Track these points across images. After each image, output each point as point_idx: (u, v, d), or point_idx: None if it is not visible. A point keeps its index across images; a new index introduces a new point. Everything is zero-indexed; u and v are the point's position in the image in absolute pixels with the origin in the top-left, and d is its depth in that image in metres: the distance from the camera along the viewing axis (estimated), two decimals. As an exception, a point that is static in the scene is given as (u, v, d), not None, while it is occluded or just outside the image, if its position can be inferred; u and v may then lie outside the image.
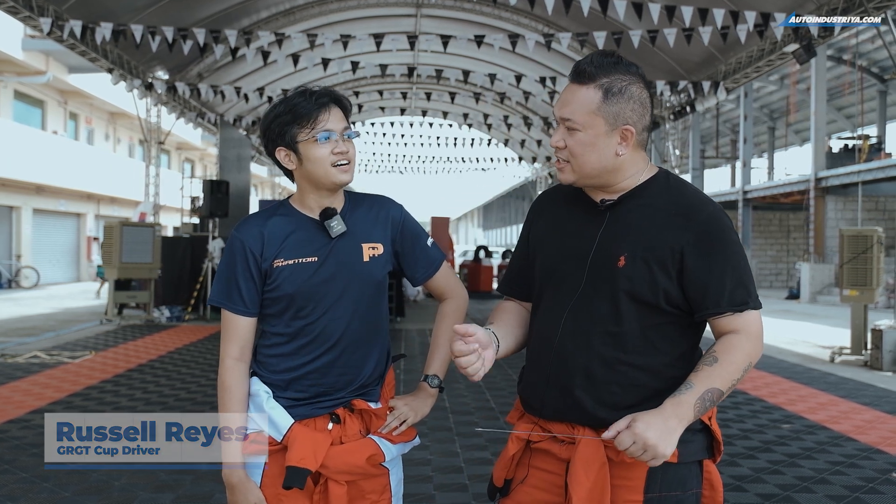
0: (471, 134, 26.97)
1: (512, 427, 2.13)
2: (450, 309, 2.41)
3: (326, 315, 2.15)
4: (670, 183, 2.00)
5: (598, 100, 1.91)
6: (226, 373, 2.16)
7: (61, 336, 12.17)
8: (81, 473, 4.93)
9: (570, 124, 1.93)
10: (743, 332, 1.88)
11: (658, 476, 1.89)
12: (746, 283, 1.90)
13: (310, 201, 2.19)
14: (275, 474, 2.12)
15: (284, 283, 2.13)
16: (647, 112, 1.96)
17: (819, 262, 24.39)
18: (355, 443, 2.16)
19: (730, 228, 1.93)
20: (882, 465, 5.47)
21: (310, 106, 2.10)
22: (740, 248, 1.92)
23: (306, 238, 2.16)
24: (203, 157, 42.65)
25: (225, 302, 2.17)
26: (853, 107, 34.70)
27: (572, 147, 1.94)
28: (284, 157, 2.16)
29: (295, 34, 14.26)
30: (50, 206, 26.89)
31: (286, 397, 2.16)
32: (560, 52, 17.84)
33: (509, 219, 75.12)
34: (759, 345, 1.89)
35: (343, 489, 2.12)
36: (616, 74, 1.92)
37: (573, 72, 1.96)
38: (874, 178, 22.57)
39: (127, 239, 13.81)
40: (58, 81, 26.79)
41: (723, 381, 1.82)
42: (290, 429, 2.12)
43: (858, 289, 10.69)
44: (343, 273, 2.16)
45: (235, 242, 2.16)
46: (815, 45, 12.65)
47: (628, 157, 1.95)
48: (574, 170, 1.96)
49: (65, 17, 12.79)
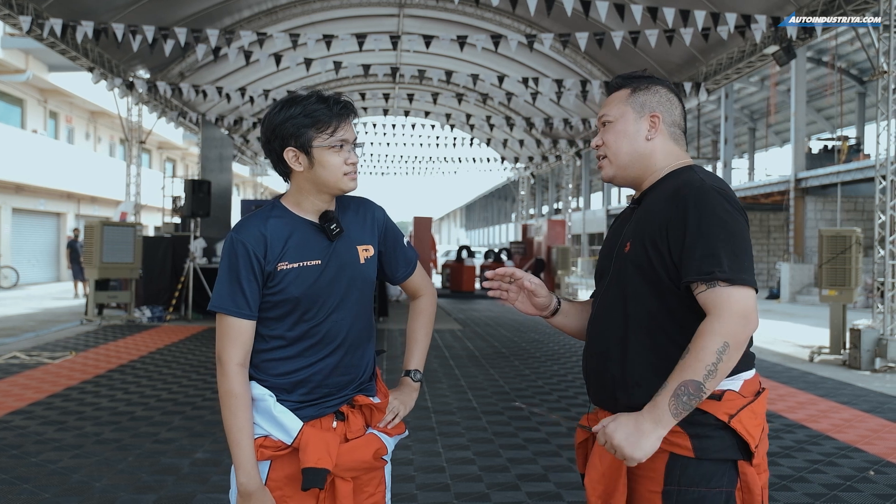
0: (453, 134, 26.98)
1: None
2: (424, 305, 2.48)
3: (331, 317, 2.18)
4: (685, 171, 2.06)
5: (626, 94, 2.15)
6: (232, 380, 2.10)
7: (41, 336, 12.08)
8: (62, 475, 4.91)
9: (605, 119, 2.16)
10: (714, 311, 1.83)
11: (677, 470, 1.91)
12: (719, 253, 1.84)
13: (307, 204, 2.20)
14: (279, 478, 2.13)
15: (290, 286, 2.13)
16: (674, 108, 2.14)
17: (799, 262, 24.59)
18: (361, 439, 2.20)
19: (713, 203, 1.89)
20: (860, 464, 5.53)
21: (330, 113, 2.13)
22: (723, 222, 1.87)
23: (307, 241, 2.18)
24: (185, 156, 42.44)
25: (230, 306, 2.11)
26: (833, 108, 35.02)
27: (607, 139, 2.15)
28: (293, 157, 2.15)
29: (277, 34, 14.23)
30: (30, 206, 26.66)
31: (292, 400, 2.17)
32: (542, 52, 17.90)
33: (492, 219, 75.23)
34: (737, 322, 1.81)
35: (350, 486, 2.16)
36: (642, 79, 2.17)
37: (609, 86, 2.23)
38: (853, 178, 22.79)
39: (108, 239, 13.73)
40: (38, 80, 26.58)
41: (695, 370, 1.79)
42: (301, 431, 2.13)
43: (837, 289, 10.80)
44: (344, 275, 2.20)
45: (238, 245, 2.13)
46: (794, 46, 12.76)
47: (658, 144, 2.12)
48: (611, 161, 2.15)
49: (45, 15, 12.70)
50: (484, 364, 9.94)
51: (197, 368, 9.16)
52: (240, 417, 2.09)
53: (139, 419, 6.52)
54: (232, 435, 2.08)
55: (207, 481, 4.84)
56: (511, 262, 26.85)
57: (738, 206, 1.94)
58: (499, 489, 4.81)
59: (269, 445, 2.13)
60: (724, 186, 1.96)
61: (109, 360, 9.70)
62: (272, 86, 20.22)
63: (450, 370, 9.43)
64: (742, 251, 1.88)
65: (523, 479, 5.03)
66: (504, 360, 10.27)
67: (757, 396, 2.00)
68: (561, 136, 24.50)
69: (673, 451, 1.91)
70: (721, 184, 1.97)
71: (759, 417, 1.98)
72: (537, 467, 5.31)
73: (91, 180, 28.99)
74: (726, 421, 1.91)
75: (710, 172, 2.05)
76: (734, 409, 1.92)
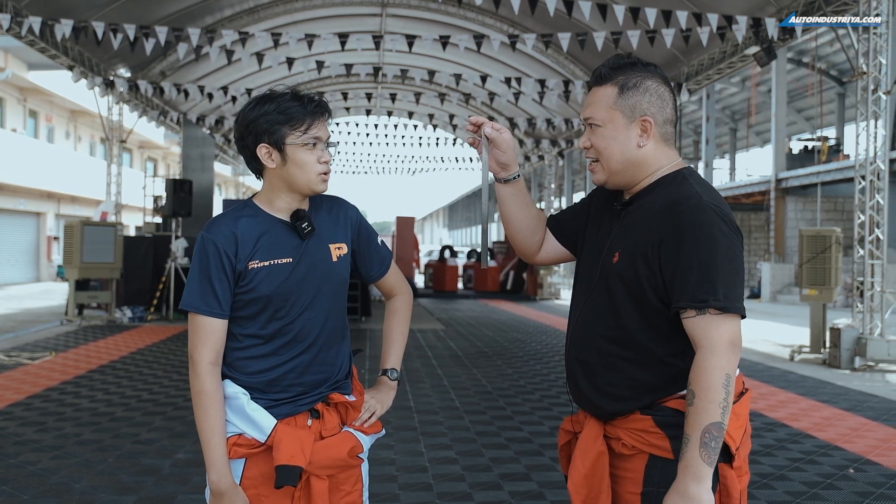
0: (436, 134, 26.98)
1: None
2: (400, 305, 2.48)
3: (303, 315, 2.19)
4: (679, 179, 2.00)
5: (614, 95, 2.00)
6: (203, 379, 2.09)
7: (20, 337, 11.97)
8: (41, 476, 4.86)
9: (591, 121, 2.03)
10: (706, 346, 1.82)
11: (657, 471, 1.90)
12: (715, 280, 1.82)
13: (280, 202, 2.20)
14: (254, 476, 2.14)
15: (261, 284, 2.14)
16: (666, 105, 2.02)
17: (779, 262, 24.76)
18: (336, 437, 2.20)
19: (710, 223, 1.86)
20: (840, 462, 5.57)
21: (304, 111, 2.14)
22: (720, 245, 1.85)
23: (278, 240, 2.18)
24: (166, 155, 42.20)
25: (201, 305, 2.11)
26: (813, 109, 35.30)
27: (597, 143, 2.02)
28: (266, 154, 2.15)
29: (259, 33, 14.17)
30: (9, 205, 26.42)
31: (266, 398, 2.17)
32: (525, 52, 17.94)
33: (475, 218, 75.24)
34: (730, 354, 1.82)
35: (325, 484, 2.16)
36: (631, 72, 2.01)
37: (592, 76, 2.07)
38: (833, 178, 22.96)
39: (88, 238, 13.63)
40: (17, 79, 26.35)
41: (711, 413, 1.78)
42: (275, 428, 2.13)
43: (817, 288, 10.88)
44: (316, 273, 2.20)
45: (208, 244, 2.12)
46: (775, 47, 12.84)
47: (651, 149, 2.01)
48: (603, 167, 2.04)
49: (24, 13, 12.59)
50: (467, 364, 9.94)
51: (178, 369, 9.10)
52: (211, 416, 2.08)
53: (120, 420, 6.47)
54: (203, 434, 2.08)
55: (188, 482, 4.80)
56: (493, 262, 26.88)
57: (734, 225, 1.91)
58: (481, 489, 4.81)
59: (244, 444, 2.13)
60: (720, 203, 1.92)
61: (90, 360, 9.63)
62: (254, 85, 20.13)
63: (432, 370, 9.42)
64: (736, 277, 1.86)
65: (506, 479, 5.03)
66: (487, 360, 10.27)
67: (739, 398, 1.97)
68: (544, 137, 24.55)
69: (652, 452, 1.92)
70: (717, 200, 1.93)
71: (742, 419, 1.96)
72: (520, 466, 5.32)
73: (71, 180, 28.77)
74: None
75: (704, 182, 2.00)
76: None
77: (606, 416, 1.99)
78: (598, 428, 2.01)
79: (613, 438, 1.98)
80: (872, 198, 10.73)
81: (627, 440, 1.95)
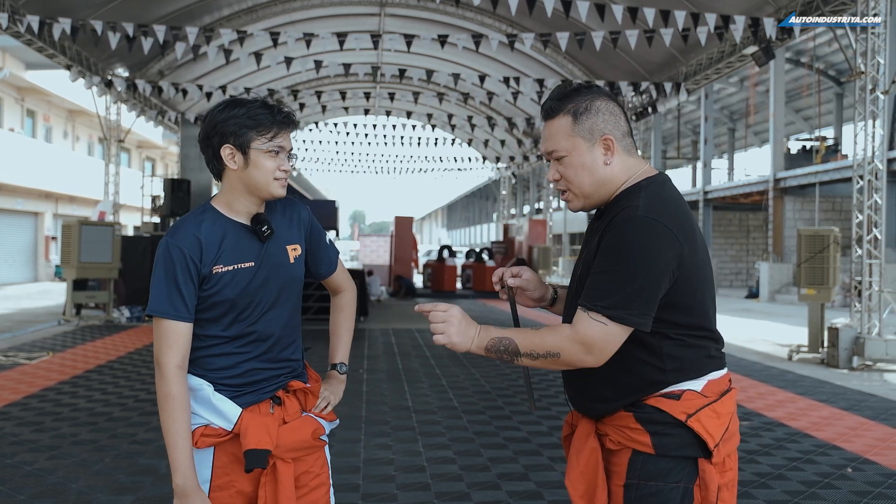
0: (435, 134, 26.95)
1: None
2: (346, 301, 2.60)
3: (265, 316, 2.27)
4: (636, 190, 2.05)
5: (569, 123, 2.06)
6: (170, 382, 2.13)
7: (17, 337, 11.96)
8: (38, 476, 4.85)
9: (556, 154, 2.09)
10: (573, 326, 1.95)
11: (638, 464, 1.99)
12: (610, 290, 1.91)
13: (238, 205, 2.26)
14: (224, 464, 2.22)
15: (225, 288, 2.20)
16: (619, 119, 2.09)
17: (778, 262, 24.77)
18: (298, 420, 2.30)
19: (627, 238, 1.92)
20: (838, 461, 5.57)
21: (273, 120, 2.20)
22: (628, 259, 1.91)
23: (238, 243, 2.24)
24: (164, 155, 42.18)
25: (168, 309, 2.15)
26: (811, 109, 35.31)
27: (565, 173, 2.09)
28: (229, 155, 2.20)
29: (257, 32, 14.15)
30: (7, 205, 26.39)
31: (229, 389, 2.24)
32: (523, 52, 17.93)
33: (473, 218, 75.26)
34: (579, 349, 1.93)
35: (291, 467, 2.24)
36: (578, 98, 2.07)
37: (542, 112, 2.13)
38: (831, 178, 22.97)
39: (86, 238, 13.61)
40: (14, 78, 26.31)
41: (525, 343, 1.96)
42: (241, 417, 2.20)
43: (816, 288, 10.87)
44: (277, 275, 2.28)
45: (174, 249, 2.17)
46: (773, 47, 12.84)
47: (617, 165, 2.08)
48: (577, 194, 2.11)
49: (21, 11, 12.57)
50: (465, 363, 9.93)
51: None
52: (178, 420, 2.12)
53: (117, 420, 6.46)
54: (169, 437, 2.12)
55: (186, 482, 4.79)
56: (492, 262, 26.89)
57: (669, 236, 1.92)
58: (479, 488, 4.81)
59: (211, 434, 2.19)
60: (658, 216, 1.94)
61: (87, 360, 9.62)
62: (252, 84, 20.12)
63: (431, 370, 9.42)
64: (625, 285, 1.90)
65: (504, 478, 5.02)
66: (485, 360, 10.26)
67: (720, 396, 2.05)
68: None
69: (634, 447, 2.00)
70: (658, 212, 1.95)
71: (723, 417, 2.02)
72: (518, 466, 5.31)
73: (69, 179, 28.74)
74: (683, 420, 1.97)
75: (659, 192, 2.03)
76: (692, 409, 1.98)
77: (597, 415, 2.09)
78: (590, 426, 2.10)
79: (604, 435, 2.07)
80: (870, 197, 10.73)
81: (614, 436, 2.03)
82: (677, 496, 1.96)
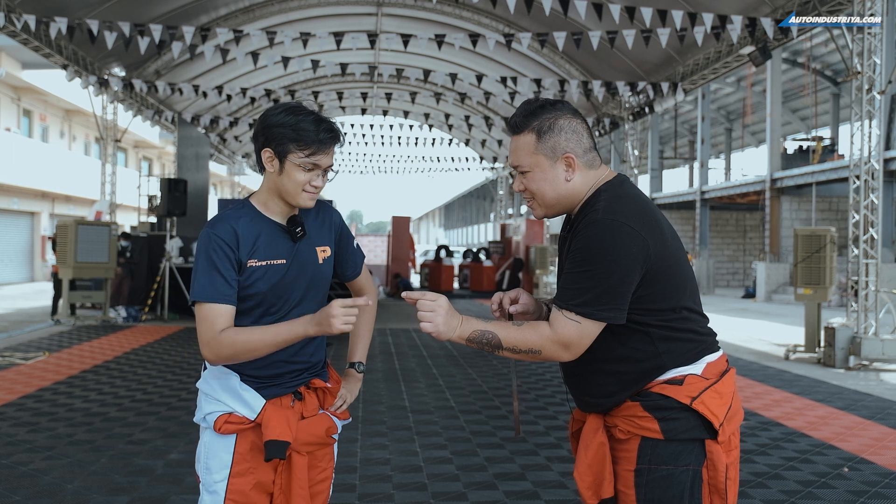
0: (432, 134, 26.91)
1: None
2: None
3: (293, 312, 2.35)
4: (596, 196, 2.16)
5: (533, 141, 2.17)
6: (222, 342, 2.19)
7: (13, 337, 11.93)
8: (33, 477, 4.84)
9: (521, 169, 2.21)
10: (551, 325, 2.07)
11: (648, 450, 2.09)
12: (580, 290, 2.04)
13: (273, 205, 2.36)
14: (244, 451, 2.32)
15: (258, 282, 2.29)
16: (582, 137, 2.19)
17: (774, 262, 24.79)
18: (315, 417, 2.42)
19: (592, 240, 2.04)
20: (834, 461, 5.57)
21: (314, 137, 2.26)
22: (595, 259, 2.03)
23: (273, 241, 2.34)
24: (161, 155, 42.11)
25: (212, 293, 2.22)
26: (807, 109, 35.32)
27: (529, 186, 2.22)
28: (268, 158, 2.30)
29: (254, 32, 14.12)
30: (3, 205, 26.34)
31: (255, 381, 2.34)
32: (520, 52, 17.91)
33: (470, 218, 75.24)
34: (558, 347, 2.06)
35: (305, 459, 2.37)
36: (543, 115, 2.18)
37: (508, 126, 2.25)
38: (827, 178, 23.00)
39: (82, 238, 13.58)
40: (11, 77, 26.26)
41: (507, 337, 2.07)
42: (264, 408, 2.31)
43: (812, 287, 10.89)
44: (305, 274, 2.39)
45: (213, 238, 2.26)
46: (770, 47, 12.85)
47: (578, 180, 2.19)
48: (540, 205, 2.24)
49: (17, 11, 12.54)
50: (462, 363, 9.93)
51: (172, 369, 9.08)
52: (254, 338, 2.19)
53: (113, 420, 6.45)
54: (266, 341, 2.19)
55: (182, 482, 4.79)
56: (490, 262, 26.88)
57: (632, 231, 2.04)
58: (476, 488, 4.80)
59: (234, 421, 2.31)
60: (617, 216, 2.05)
61: (83, 360, 9.60)
62: (249, 84, 20.09)
63: (427, 370, 9.41)
64: (595, 284, 2.02)
65: (501, 478, 5.02)
66: (482, 360, 10.26)
67: (721, 377, 2.15)
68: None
69: (644, 434, 2.09)
70: (618, 212, 2.06)
71: (725, 397, 2.12)
72: (515, 466, 5.31)
73: (66, 179, 28.69)
74: (688, 403, 2.07)
75: (616, 193, 2.15)
76: (696, 392, 2.09)
77: (605, 410, 2.19)
78: (598, 421, 2.19)
79: (612, 426, 2.17)
80: (867, 197, 10.74)
81: (623, 426, 2.13)
82: (687, 478, 2.06)
